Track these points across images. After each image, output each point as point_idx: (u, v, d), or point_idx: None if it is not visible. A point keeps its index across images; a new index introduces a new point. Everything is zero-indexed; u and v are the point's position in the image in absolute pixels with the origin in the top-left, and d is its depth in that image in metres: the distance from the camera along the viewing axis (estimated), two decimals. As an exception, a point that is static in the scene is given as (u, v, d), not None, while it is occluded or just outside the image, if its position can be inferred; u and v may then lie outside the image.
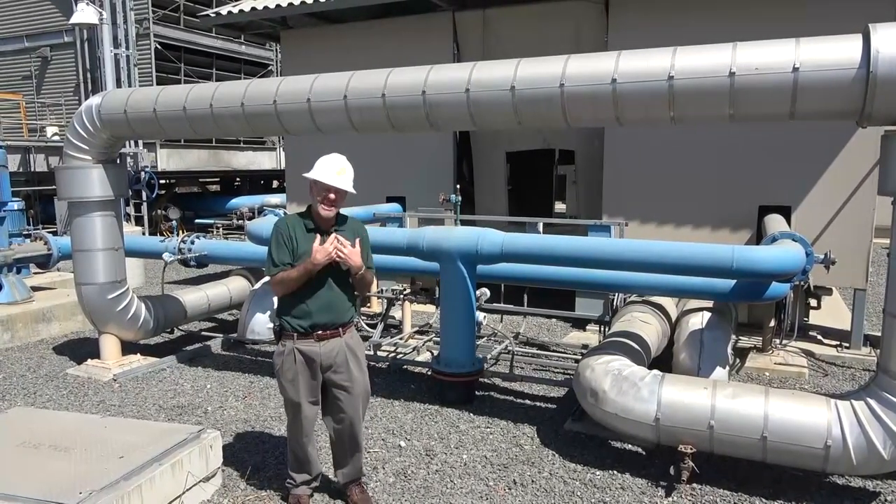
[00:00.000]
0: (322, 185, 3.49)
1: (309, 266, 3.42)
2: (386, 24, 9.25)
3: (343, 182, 3.50)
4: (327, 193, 3.50)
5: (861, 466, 3.69)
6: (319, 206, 3.53)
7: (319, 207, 3.53)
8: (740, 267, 4.42)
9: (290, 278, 3.47)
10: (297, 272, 3.45)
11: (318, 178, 3.49)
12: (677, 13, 7.43)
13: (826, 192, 7.07)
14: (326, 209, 3.53)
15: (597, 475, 4.23)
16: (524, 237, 5.41)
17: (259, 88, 5.24)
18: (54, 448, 3.72)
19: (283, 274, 3.49)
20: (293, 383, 3.58)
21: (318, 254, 3.40)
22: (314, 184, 3.53)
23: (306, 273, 3.45)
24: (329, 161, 3.53)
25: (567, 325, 8.04)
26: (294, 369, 3.56)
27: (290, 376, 3.58)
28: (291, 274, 3.46)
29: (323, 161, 3.54)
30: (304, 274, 3.45)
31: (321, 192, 3.51)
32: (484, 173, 9.90)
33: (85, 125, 5.81)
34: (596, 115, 4.35)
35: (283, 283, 3.50)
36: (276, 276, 3.51)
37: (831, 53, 3.60)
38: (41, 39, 18.09)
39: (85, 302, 6.19)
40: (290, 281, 3.47)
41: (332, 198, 3.51)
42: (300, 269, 3.45)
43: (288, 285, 3.49)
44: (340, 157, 3.57)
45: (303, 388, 3.59)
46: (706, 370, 4.92)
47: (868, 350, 6.84)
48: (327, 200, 3.51)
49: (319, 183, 3.49)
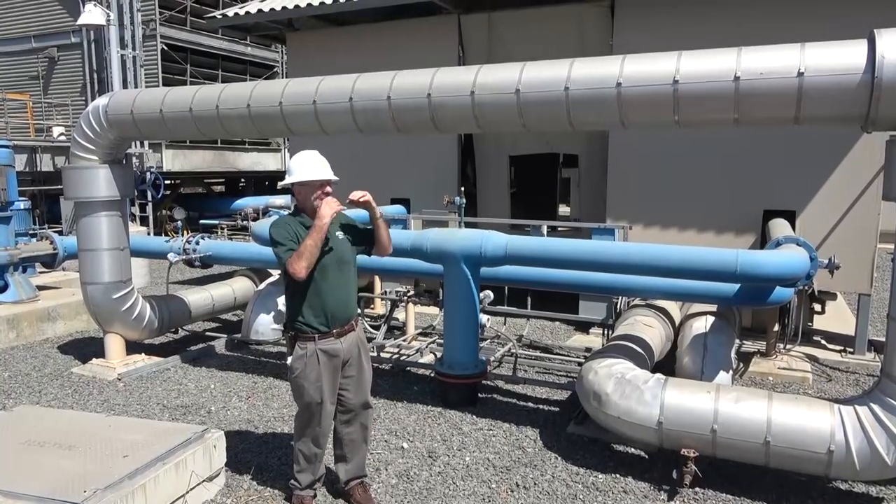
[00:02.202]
0: (317, 183, 3.55)
1: (318, 223, 3.41)
2: (391, 27, 9.27)
3: (330, 173, 3.61)
4: (323, 188, 3.57)
5: (864, 472, 3.68)
6: (317, 203, 3.53)
7: (317, 204, 3.53)
8: (744, 271, 4.43)
9: (308, 247, 3.40)
10: (311, 238, 3.41)
11: (308, 179, 3.54)
12: (683, 16, 7.43)
13: (831, 196, 7.06)
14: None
15: (599, 478, 4.23)
16: (528, 240, 5.42)
17: (265, 90, 5.26)
18: (59, 446, 3.74)
19: (300, 248, 3.42)
20: (317, 385, 3.58)
21: (324, 207, 3.42)
22: (303, 186, 3.57)
23: (319, 233, 3.41)
24: (309, 159, 3.59)
25: (570, 328, 8.04)
26: (318, 371, 3.57)
27: (314, 378, 3.57)
28: (307, 242, 3.41)
29: (302, 162, 3.58)
30: (319, 234, 3.42)
31: (315, 190, 3.56)
32: (487, 176, 9.91)
33: (92, 126, 5.84)
34: (600, 118, 4.36)
35: (303, 255, 3.40)
36: (294, 253, 3.44)
37: (836, 58, 3.60)
38: (49, 40, 18.18)
39: (90, 301, 6.22)
40: (309, 249, 3.40)
41: (329, 190, 3.59)
42: (312, 233, 3.42)
43: (309, 254, 3.41)
44: (314, 152, 3.65)
45: (326, 388, 3.60)
46: (709, 374, 4.91)
47: (872, 355, 6.82)
48: (325, 194, 3.56)
49: (311, 182, 3.54)
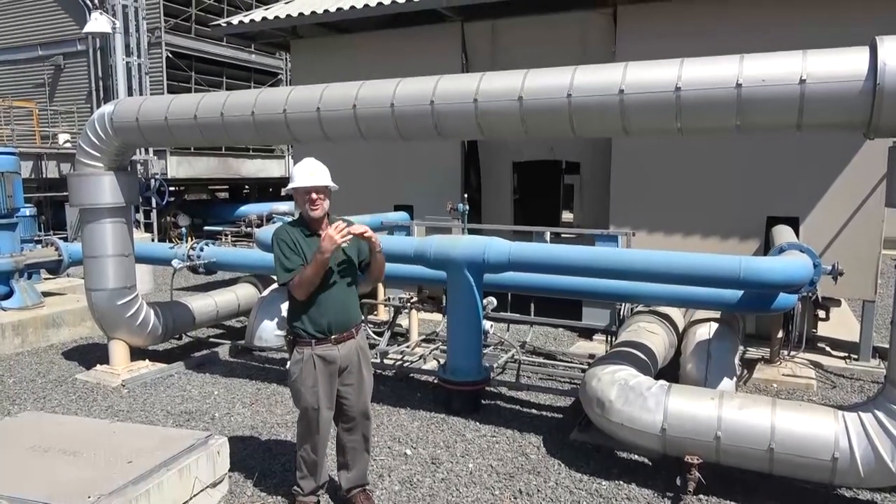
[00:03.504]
0: (302, 190, 3.60)
1: (319, 258, 3.45)
2: (395, 35, 9.31)
3: (317, 180, 3.61)
4: (309, 195, 3.61)
5: (869, 479, 3.67)
6: (308, 210, 3.62)
7: (308, 210, 3.62)
8: (747, 277, 4.43)
9: (307, 277, 3.48)
10: (311, 269, 3.47)
11: (295, 186, 3.61)
12: (685, 23, 7.45)
13: (834, 203, 7.05)
14: (314, 209, 3.62)
15: (603, 485, 4.22)
16: (531, 246, 5.42)
17: (269, 97, 5.29)
18: (63, 452, 3.75)
19: (301, 275, 3.50)
20: (313, 389, 3.60)
21: (325, 241, 3.43)
22: (296, 192, 3.64)
23: (320, 266, 3.47)
24: (302, 167, 3.65)
25: (574, 334, 8.03)
26: (314, 376, 3.59)
27: (310, 383, 3.60)
28: (307, 272, 3.48)
29: (297, 169, 3.66)
30: (319, 267, 3.47)
31: (304, 197, 3.62)
32: (490, 182, 9.92)
33: (97, 133, 5.87)
34: (603, 125, 4.37)
35: (302, 284, 3.50)
36: (294, 279, 3.53)
37: (838, 66, 3.61)
38: (55, 48, 18.30)
39: (95, 307, 6.24)
40: (309, 279, 3.49)
41: (314, 197, 3.61)
42: (312, 265, 3.47)
43: (309, 284, 3.50)
44: (310, 159, 3.69)
45: (322, 393, 3.62)
46: (713, 381, 4.91)
47: (877, 362, 6.80)
48: (311, 201, 3.61)
49: (300, 189, 3.60)
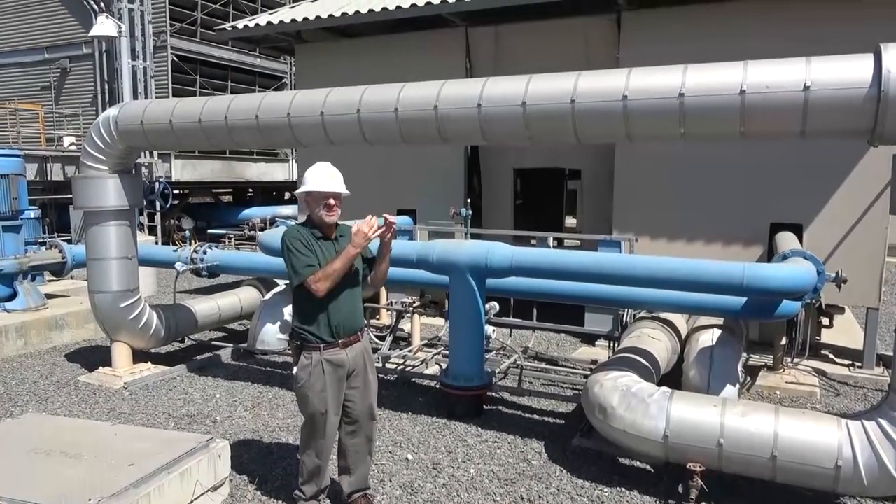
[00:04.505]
0: (320, 194, 3.58)
1: (351, 251, 3.48)
2: (399, 39, 9.34)
3: (337, 185, 3.62)
4: (327, 200, 3.59)
5: (872, 487, 3.65)
6: (323, 214, 3.60)
7: (323, 215, 3.60)
8: (751, 284, 4.42)
9: (334, 271, 3.47)
10: (340, 262, 3.48)
11: (314, 189, 3.58)
12: (689, 29, 7.46)
13: (838, 210, 7.03)
14: (330, 215, 3.60)
15: (604, 492, 4.20)
16: (534, 251, 5.43)
17: (273, 101, 5.31)
18: (65, 455, 3.75)
19: (326, 269, 3.48)
20: (322, 394, 3.59)
21: (358, 236, 3.48)
22: (310, 196, 3.62)
23: (349, 260, 3.50)
24: (319, 170, 3.63)
25: (576, 340, 8.02)
26: (323, 380, 3.59)
27: (318, 388, 3.59)
28: (335, 265, 3.47)
29: (313, 172, 3.64)
30: (348, 261, 3.50)
31: (320, 201, 3.59)
32: (492, 188, 9.93)
33: (102, 136, 5.90)
34: (606, 131, 4.37)
35: (328, 277, 3.47)
36: (317, 273, 3.48)
37: (842, 72, 3.60)
38: (61, 51, 18.42)
39: (98, 310, 6.25)
40: (336, 273, 3.48)
41: (331, 203, 3.60)
42: (341, 258, 3.48)
43: (337, 277, 3.49)
44: (326, 164, 3.69)
45: (331, 398, 3.62)
46: (716, 388, 4.88)
47: (881, 370, 6.77)
48: (328, 206, 3.60)
49: (315, 193, 3.58)
